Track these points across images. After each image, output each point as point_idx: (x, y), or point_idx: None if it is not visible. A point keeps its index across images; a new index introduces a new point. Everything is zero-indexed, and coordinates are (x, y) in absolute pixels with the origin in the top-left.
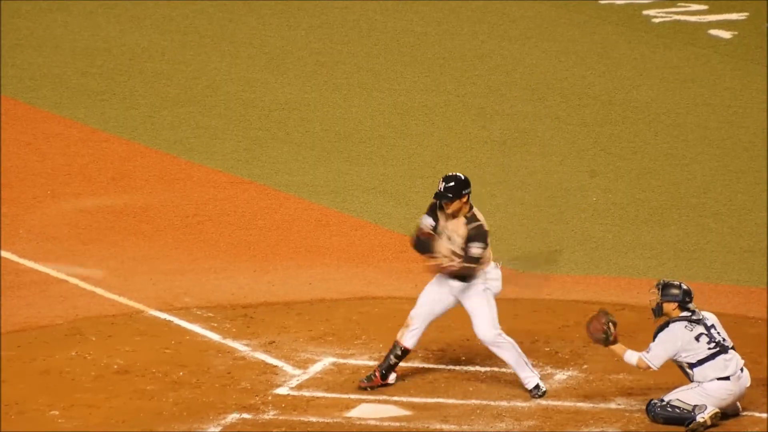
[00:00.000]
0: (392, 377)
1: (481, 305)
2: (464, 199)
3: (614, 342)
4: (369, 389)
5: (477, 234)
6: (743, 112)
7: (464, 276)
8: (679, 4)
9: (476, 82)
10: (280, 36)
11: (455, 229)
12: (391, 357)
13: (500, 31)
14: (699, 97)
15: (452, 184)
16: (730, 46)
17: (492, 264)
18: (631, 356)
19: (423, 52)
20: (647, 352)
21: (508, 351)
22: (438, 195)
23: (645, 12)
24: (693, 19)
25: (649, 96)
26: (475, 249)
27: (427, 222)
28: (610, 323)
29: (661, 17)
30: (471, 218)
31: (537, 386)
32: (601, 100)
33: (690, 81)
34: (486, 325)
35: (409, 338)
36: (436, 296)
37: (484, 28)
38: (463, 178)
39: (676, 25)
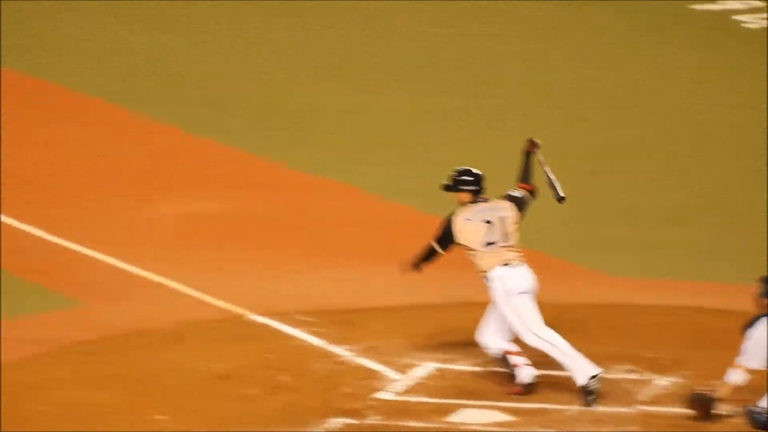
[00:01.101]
0: (527, 373)
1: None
2: (462, 194)
3: (719, 398)
4: (517, 395)
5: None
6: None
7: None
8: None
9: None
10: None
11: None
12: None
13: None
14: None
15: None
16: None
17: (506, 266)
18: (731, 373)
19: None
20: (741, 354)
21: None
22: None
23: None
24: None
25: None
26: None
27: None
28: (705, 405)
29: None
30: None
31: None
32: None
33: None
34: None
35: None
36: None
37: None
38: (468, 174)
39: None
